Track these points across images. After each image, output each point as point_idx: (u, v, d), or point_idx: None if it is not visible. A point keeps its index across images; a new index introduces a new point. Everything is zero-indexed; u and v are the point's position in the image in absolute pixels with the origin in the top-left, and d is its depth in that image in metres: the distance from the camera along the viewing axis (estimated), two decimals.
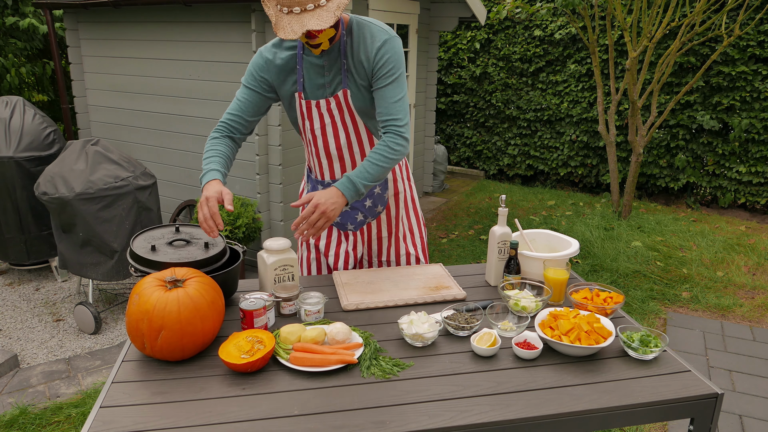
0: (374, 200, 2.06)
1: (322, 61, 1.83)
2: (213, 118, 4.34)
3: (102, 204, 3.38)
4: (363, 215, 2.07)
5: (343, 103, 1.86)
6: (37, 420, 2.70)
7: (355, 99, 1.85)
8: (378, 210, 2.09)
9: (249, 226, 4.04)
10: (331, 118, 1.88)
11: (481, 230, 5.48)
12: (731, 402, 2.88)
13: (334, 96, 1.85)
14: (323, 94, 1.87)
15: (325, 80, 1.85)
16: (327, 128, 1.90)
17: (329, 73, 1.84)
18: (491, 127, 7.48)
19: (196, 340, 1.47)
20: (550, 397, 1.37)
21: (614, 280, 4.33)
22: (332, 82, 1.85)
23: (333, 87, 1.85)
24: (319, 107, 1.87)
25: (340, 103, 1.86)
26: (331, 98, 1.86)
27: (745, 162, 5.98)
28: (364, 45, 1.78)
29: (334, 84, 1.85)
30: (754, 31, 5.61)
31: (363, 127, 1.92)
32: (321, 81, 1.85)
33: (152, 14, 4.42)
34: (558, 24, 6.61)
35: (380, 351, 1.56)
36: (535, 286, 1.79)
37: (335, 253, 2.13)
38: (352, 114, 1.88)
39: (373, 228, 2.13)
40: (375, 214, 2.09)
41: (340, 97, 1.85)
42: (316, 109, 1.88)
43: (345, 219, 2.07)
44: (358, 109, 1.87)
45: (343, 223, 2.08)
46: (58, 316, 3.76)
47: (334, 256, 2.13)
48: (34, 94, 6.68)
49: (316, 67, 1.84)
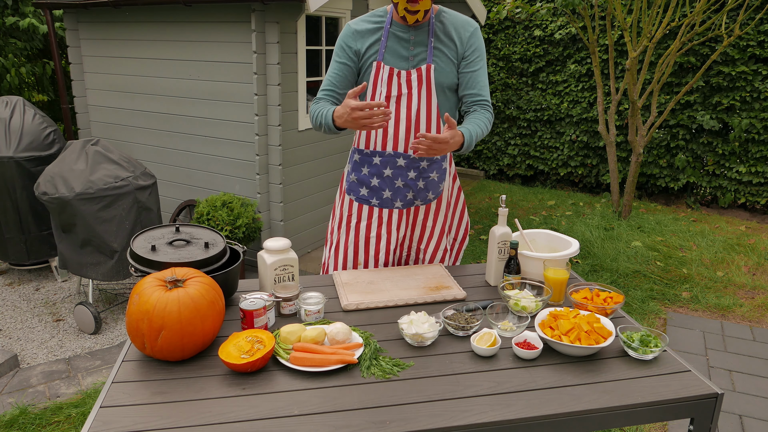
0: (427, 184, 2.09)
1: (408, 36, 1.97)
2: (213, 118, 4.34)
3: (102, 204, 3.39)
4: (413, 195, 2.10)
5: (424, 77, 1.96)
6: (37, 420, 2.71)
7: (438, 74, 1.97)
8: (429, 197, 2.12)
9: (249, 226, 4.04)
10: (408, 88, 1.98)
11: (481, 230, 5.48)
12: (731, 402, 2.88)
13: (416, 69, 1.97)
14: (405, 66, 1.98)
15: (410, 53, 1.98)
16: (402, 98, 1.98)
17: (414, 48, 1.98)
18: (491, 127, 7.47)
19: (196, 340, 1.47)
20: (550, 397, 1.37)
21: (614, 280, 4.33)
22: (416, 57, 1.98)
23: (416, 61, 1.98)
24: (399, 76, 1.97)
25: (421, 75, 1.96)
26: (413, 70, 1.97)
27: (745, 162, 5.98)
28: (455, 28, 1.99)
29: (418, 59, 1.98)
30: (754, 31, 5.61)
31: (435, 103, 2.00)
32: (405, 54, 1.98)
33: (152, 14, 4.42)
34: (558, 24, 6.61)
35: (380, 351, 1.56)
36: (535, 286, 1.79)
37: (377, 234, 2.14)
38: (429, 88, 1.98)
39: (420, 213, 2.15)
40: (426, 199, 2.12)
41: (422, 71, 1.96)
42: (396, 78, 1.97)
43: (395, 195, 2.09)
44: (438, 83, 1.98)
45: (392, 199, 2.10)
46: (58, 316, 3.76)
47: (376, 237, 2.14)
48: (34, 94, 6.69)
49: (402, 41, 1.98)
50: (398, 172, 2.05)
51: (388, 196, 2.09)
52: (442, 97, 2.02)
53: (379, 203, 2.11)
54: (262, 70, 4.03)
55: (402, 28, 1.97)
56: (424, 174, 2.07)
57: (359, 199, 2.13)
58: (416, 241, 2.20)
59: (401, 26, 1.97)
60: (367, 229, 2.13)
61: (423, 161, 2.05)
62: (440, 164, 2.10)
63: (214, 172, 4.48)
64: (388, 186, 2.08)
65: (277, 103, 4.07)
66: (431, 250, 2.21)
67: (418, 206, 2.13)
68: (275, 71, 4.02)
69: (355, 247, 2.15)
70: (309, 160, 4.57)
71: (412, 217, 2.15)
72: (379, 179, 2.07)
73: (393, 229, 2.13)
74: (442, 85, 1.99)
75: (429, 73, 1.96)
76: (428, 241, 2.20)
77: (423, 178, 2.08)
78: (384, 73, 1.97)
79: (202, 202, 4.09)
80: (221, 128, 4.33)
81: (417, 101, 1.98)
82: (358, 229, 2.14)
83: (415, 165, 2.05)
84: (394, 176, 2.06)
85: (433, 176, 2.09)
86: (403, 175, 2.06)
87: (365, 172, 2.09)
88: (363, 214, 2.13)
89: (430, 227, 2.18)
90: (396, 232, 2.13)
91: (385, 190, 2.08)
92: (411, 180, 2.07)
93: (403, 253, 2.22)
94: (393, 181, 2.07)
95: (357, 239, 2.15)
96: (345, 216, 2.16)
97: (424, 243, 2.20)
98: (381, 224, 2.13)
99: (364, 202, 2.12)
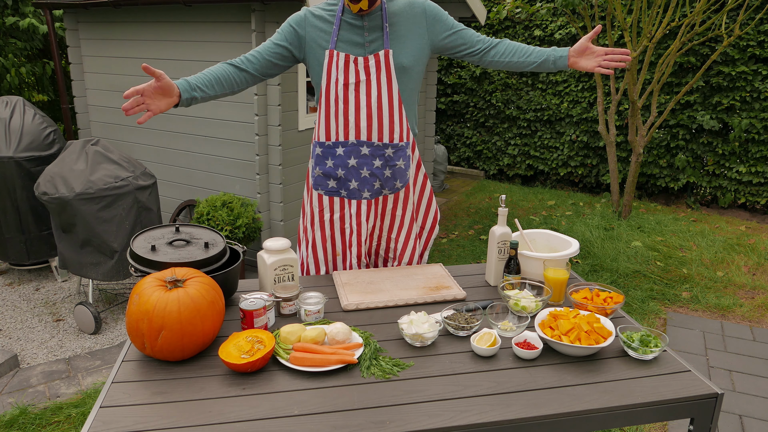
0: (394, 173, 2.07)
1: (362, 23, 1.95)
2: (213, 118, 4.34)
3: (102, 204, 3.38)
4: (380, 184, 2.07)
5: (383, 61, 1.94)
6: (37, 420, 2.71)
7: (397, 56, 1.95)
8: (397, 185, 2.10)
9: (249, 226, 4.04)
10: (366, 75, 1.95)
11: (481, 230, 5.48)
12: (731, 402, 2.88)
13: (374, 54, 1.94)
14: (362, 53, 1.96)
15: (365, 40, 1.96)
16: (361, 85, 1.96)
17: (369, 34, 1.96)
18: (491, 127, 7.48)
19: (196, 340, 1.47)
20: (550, 397, 1.37)
21: (614, 280, 4.33)
22: (372, 43, 1.96)
23: (373, 47, 1.96)
24: (357, 63, 1.94)
25: (379, 61, 1.94)
26: (370, 56, 1.94)
27: (745, 162, 5.98)
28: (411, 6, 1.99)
29: (375, 45, 1.96)
30: (754, 31, 5.61)
31: (396, 88, 1.97)
32: (360, 40, 1.96)
33: (152, 14, 4.42)
34: (558, 24, 6.61)
35: (380, 351, 1.56)
36: (535, 286, 1.79)
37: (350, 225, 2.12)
38: (390, 72, 1.95)
39: (389, 203, 2.13)
40: (393, 188, 2.10)
41: (380, 56, 1.94)
42: (353, 65, 1.94)
43: (362, 186, 2.07)
44: (399, 66, 1.96)
45: (360, 190, 2.08)
46: (58, 316, 3.76)
47: (349, 228, 2.12)
48: (34, 94, 6.69)
49: (355, 28, 1.95)
50: (363, 161, 2.03)
51: (355, 186, 2.07)
52: (403, 78, 1.99)
53: (347, 194, 2.09)
54: None
55: (354, 15, 1.95)
56: (390, 162, 2.04)
57: (328, 192, 2.10)
58: (386, 231, 2.19)
59: (353, 13, 1.95)
60: (341, 221, 2.12)
61: (388, 149, 2.02)
62: (405, 151, 2.06)
63: (214, 172, 4.48)
64: (354, 176, 2.05)
65: (277, 103, 4.07)
66: (402, 239, 2.19)
67: (387, 195, 2.11)
68: None
69: (332, 241, 2.14)
70: (309, 160, 4.57)
71: (381, 206, 2.13)
72: (344, 170, 2.05)
73: (363, 220, 2.11)
74: (402, 66, 1.97)
75: (388, 58, 1.94)
76: (398, 231, 2.19)
77: (389, 167, 2.05)
78: (339, 61, 1.93)
79: (202, 202, 4.09)
80: (221, 128, 4.33)
81: (377, 87, 1.95)
82: (332, 221, 2.12)
83: (380, 153, 2.02)
84: (359, 165, 2.03)
85: (399, 164, 2.06)
86: (368, 164, 2.03)
87: (330, 165, 2.06)
88: (335, 207, 2.11)
89: (400, 216, 2.16)
90: (366, 223, 2.12)
91: (351, 180, 2.06)
92: (377, 169, 2.04)
93: (373, 243, 2.20)
94: (358, 171, 2.04)
95: (333, 232, 2.13)
96: (317, 211, 2.13)
97: (395, 232, 2.19)
98: (351, 216, 2.11)
99: (334, 194, 2.10)
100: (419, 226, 2.25)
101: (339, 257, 2.16)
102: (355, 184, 2.06)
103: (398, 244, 2.20)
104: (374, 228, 2.17)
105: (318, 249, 2.16)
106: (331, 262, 2.18)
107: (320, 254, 2.17)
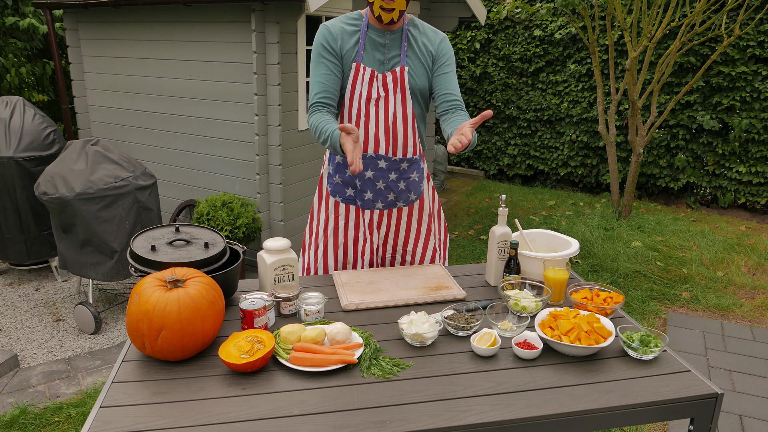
0: (408, 185, 2.12)
1: (384, 40, 2.01)
2: (213, 118, 4.34)
3: (102, 204, 3.38)
4: (394, 196, 2.11)
5: (399, 79, 2.00)
6: (37, 420, 2.71)
7: (411, 78, 2.02)
8: (411, 197, 2.15)
9: (249, 226, 4.04)
10: (385, 91, 2.01)
11: (481, 230, 5.48)
12: (731, 402, 2.88)
13: (391, 71, 2.00)
14: (381, 69, 2.02)
15: (385, 57, 2.02)
16: (380, 101, 2.00)
17: (389, 52, 2.02)
18: (491, 127, 7.48)
19: (196, 340, 1.47)
20: (550, 397, 1.37)
21: (614, 280, 4.33)
22: (391, 60, 2.02)
23: (391, 64, 2.02)
24: (377, 79, 2.00)
25: (396, 78, 2.00)
26: (388, 73, 2.00)
27: (745, 162, 5.98)
28: (427, 36, 2.06)
29: (393, 62, 2.02)
30: (754, 31, 5.61)
31: (410, 105, 2.03)
32: (381, 57, 2.02)
33: (152, 14, 4.42)
34: (558, 24, 6.61)
35: (380, 351, 1.56)
36: (535, 286, 1.79)
37: (363, 234, 2.15)
38: (404, 90, 2.02)
39: (404, 215, 2.17)
40: (408, 200, 2.15)
41: (396, 73, 2.00)
42: (375, 81, 2.00)
43: (377, 197, 2.11)
44: (411, 87, 2.02)
45: (374, 201, 2.11)
46: (58, 316, 3.76)
47: (363, 237, 2.15)
48: (34, 94, 6.69)
49: (378, 45, 2.01)
50: (379, 174, 2.07)
51: (369, 197, 2.11)
52: (414, 101, 2.05)
53: (362, 204, 2.13)
54: (262, 70, 4.03)
55: (378, 32, 2.00)
56: (405, 175, 2.10)
57: (346, 200, 2.14)
58: (401, 244, 2.22)
59: (377, 30, 2.00)
60: (355, 229, 2.16)
61: (403, 162, 2.08)
62: (419, 164, 2.13)
63: (214, 172, 4.48)
64: (370, 188, 2.10)
65: (277, 103, 4.07)
66: (420, 251, 2.23)
67: (401, 208, 2.15)
68: (275, 71, 4.02)
69: (345, 248, 2.17)
70: (309, 160, 4.57)
71: (395, 218, 2.17)
72: (360, 181, 2.09)
73: (374, 229, 2.15)
74: (414, 89, 2.03)
75: (403, 76, 2.00)
76: (415, 243, 2.22)
77: (404, 179, 2.10)
78: (365, 75, 1.99)
79: (202, 202, 4.09)
80: (221, 128, 4.33)
81: (393, 104, 2.02)
82: (347, 229, 2.16)
83: (395, 167, 2.08)
84: (375, 178, 2.08)
85: (414, 177, 2.12)
86: (384, 177, 2.08)
87: (348, 173, 2.11)
88: (350, 215, 2.15)
89: (416, 228, 2.21)
90: (377, 231, 2.16)
91: (367, 191, 2.10)
92: (392, 181, 2.09)
93: (387, 254, 2.23)
94: (374, 183, 2.09)
95: (346, 240, 2.17)
96: (332, 218, 2.17)
97: (411, 245, 2.22)
98: (364, 225, 2.15)
99: (351, 202, 2.14)
100: (437, 238, 2.29)
101: (350, 265, 2.19)
102: (369, 195, 2.11)
103: (416, 256, 2.23)
104: (386, 238, 2.20)
105: (329, 255, 2.18)
106: (341, 269, 2.20)
107: (330, 260, 2.19)
